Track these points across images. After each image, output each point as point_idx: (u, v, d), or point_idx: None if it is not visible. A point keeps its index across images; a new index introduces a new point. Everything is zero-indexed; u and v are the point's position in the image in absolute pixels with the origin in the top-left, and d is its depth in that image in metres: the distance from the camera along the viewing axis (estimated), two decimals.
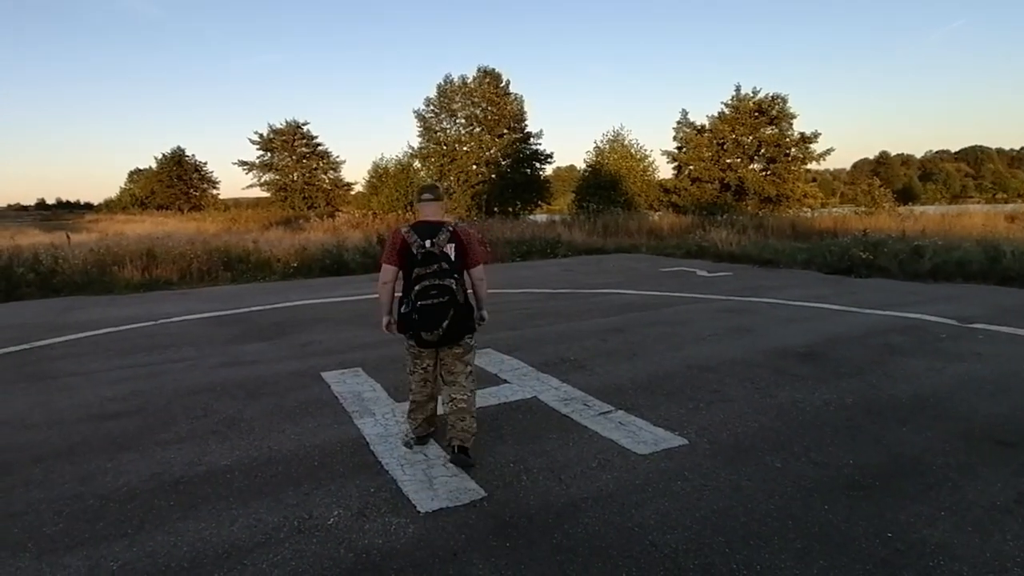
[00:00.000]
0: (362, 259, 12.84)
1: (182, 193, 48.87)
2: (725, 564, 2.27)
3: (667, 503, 2.74)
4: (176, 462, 3.30)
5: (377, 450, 3.40)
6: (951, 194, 71.74)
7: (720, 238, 14.25)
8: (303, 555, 2.40)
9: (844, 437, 3.43)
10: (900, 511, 2.62)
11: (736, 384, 4.42)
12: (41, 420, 4.01)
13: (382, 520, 2.66)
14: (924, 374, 4.55)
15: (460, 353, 3.28)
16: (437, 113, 30.16)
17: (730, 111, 25.27)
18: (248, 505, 2.81)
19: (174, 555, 2.42)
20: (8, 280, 10.06)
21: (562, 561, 2.33)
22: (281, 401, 4.29)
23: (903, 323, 6.31)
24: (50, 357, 5.73)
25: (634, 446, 3.36)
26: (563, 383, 4.53)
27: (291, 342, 6.13)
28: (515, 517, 2.66)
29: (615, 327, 6.50)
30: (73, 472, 3.21)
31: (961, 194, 71.13)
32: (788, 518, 2.58)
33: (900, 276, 9.79)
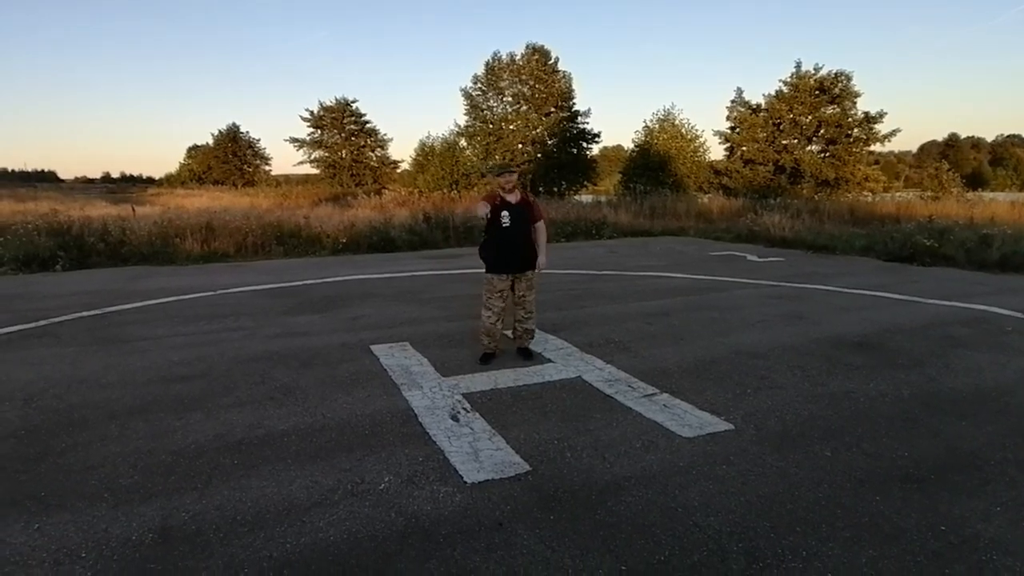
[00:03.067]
0: (408, 237, 13.05)
1: (236, 169, 50.49)
2: (770, 548, 2.28)
3: (711, 486, 2.75)
4: (238, 424, 3.49)
5: (425, 421, 3.51)
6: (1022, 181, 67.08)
7: (772, 222, 13.81)
8: (357, 516, 2.53)
9: (899, 429, 3.34)
10: (954, 505, 2.56)
11: (785, 371, 4.34)
12: (115, 380, 4.30)
13: (430, 488, 2.76)
14: (987, 368, 4.36)
15: (530, 280, 4.73)
16: (484, 91, 30.01)
17: (788, 89, 24.20)
18: (305, 468, 2.97)
19: (240, 509, 2.58)
20: (80, 249, 10.66)
21: (605, 536, 2.38)
22: (333, 371, 4.46)
23: (967, 315, 6.03)
24: (121, 322, 6.09)
25: (679, 429, 3.36)
26: (607, 364, 4.55)
27: (341, 315, 6.33)
28: (559, 492, 2.72)
29: (661, 311, 6.44)
30: (146, 429, 3.44)
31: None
32: (837, 507, 2.56)
33: (966, 266, 9.32)
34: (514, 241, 4.59)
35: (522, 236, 4.63)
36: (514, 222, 4.57)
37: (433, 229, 13.67)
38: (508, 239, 4.58)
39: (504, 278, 4.65)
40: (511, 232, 4.57)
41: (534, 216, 4.72)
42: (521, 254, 4.64)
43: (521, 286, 4.72)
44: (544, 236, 4.78)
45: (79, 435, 3.38)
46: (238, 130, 51.15)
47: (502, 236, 4.58)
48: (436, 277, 8.89)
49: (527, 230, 4.68)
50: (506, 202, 4.60)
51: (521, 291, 4.72)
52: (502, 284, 4.66)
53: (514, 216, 4.57)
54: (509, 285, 4.69)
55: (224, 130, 50.78)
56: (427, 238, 13.25)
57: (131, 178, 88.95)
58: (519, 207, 4.63)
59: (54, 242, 10.66)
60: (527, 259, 4.67)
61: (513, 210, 4.58)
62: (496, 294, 4.66)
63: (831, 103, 23.46)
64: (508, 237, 4.57)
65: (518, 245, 4.61)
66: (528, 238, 4.68)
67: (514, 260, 4.64)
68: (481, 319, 4.72)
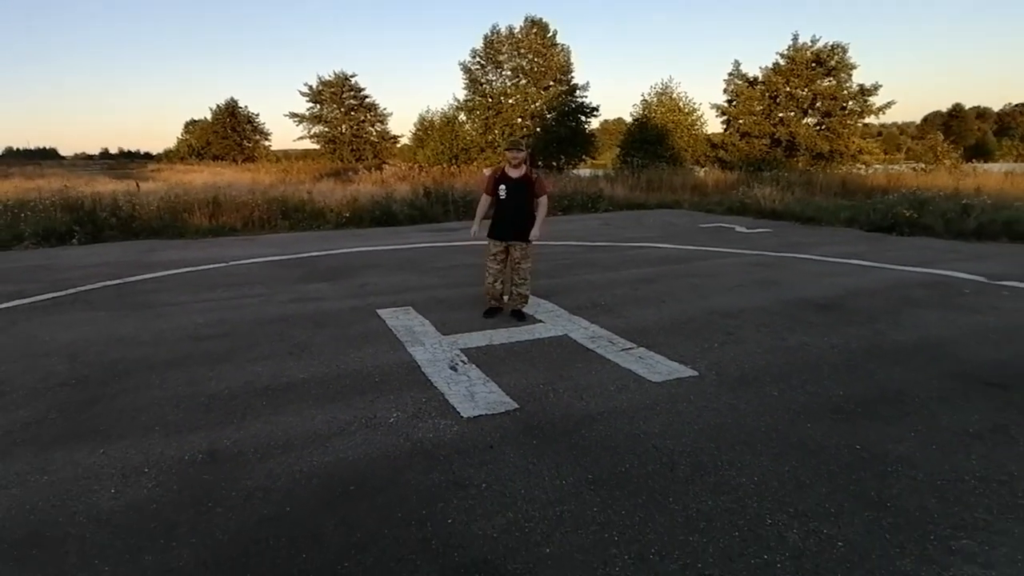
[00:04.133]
0: (409, 211, 13.43)
1: (236, 144, 50.47)
2: (712, 462, 2.77)
3: (671, 418, 3.23)
4: (263, 374, 3.97)
5: (427, 371, 3.99)
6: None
7: (763, 195, 14.16)
8: (371, 442, 3.02)
9: (841, 373, 3.82)
10: (872, 431, 3.04)
11: (751, 328, 4.81)
12: (149, 339, 4.78)
13: (432, 421, 3.25)
14: (934, 324, 4.83)
15: (524, 249, 5.19)
16: (483, 65, 29.99)
17: (785, 62, 24.25)
18: (324, 407, 3.45)
19: (272, 438, 3.07)
20: (94, 224, 11.08)
21: (577, 455, 2.87)
22: (344, 331, 4.93)
23: (930, 279, 6.48)
24: (145, 290, 6.56)
25: (649, 375, 3.84)
26: (592, 324, 5.02)
27: (349, 283, 6.79)
28: (541, 423, 3.21)
29: (647, 278, 6.89)
30: (182, 377, 3.93)
31: None
32: (773, 432, 3.04)
33: (944, 235, 9.73)
34: (510, 213, 5.11)
35: (515, 209, 5.10)
36: (510, 196, 5.07)
37: (433, 203, 14.04)
38: (502, 210, 5.13)
39: (498, 243, 5.23)
40: (506, 204, 5.10)
41: (535, 192, 5.15)
42: (514, 225, 5.14)
43: (515, 254, 5.22)
44: (544, 211, 5.22)
45: (125, 383, 3.86)
46: (236, 105, 50.99)
47: (499, 208, 5.15)
48: (436, 249, 9.33)
49: (522, 204, 5.12)
50: (506, 176, 5.10)
51: (516, 258, 5.23)
52: (496, 248, 5.24)
53: (510, 190, 5.06)
54: (503, 250, 5.24)
55: (222, 105, 50.65)
56: (427, 212, 13.64)
57: (129, 154, 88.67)
58: (518, 182, 5.09)
59: (70, 217, 11.08)
60: (520, 230, 5.14)
61: (511, 185, 5.07)
62: (491, 257, 5.26)
63: (827, 76, 23.55)
64: (502, 208, 5.12)
65: (512, 216, 5.12)
66: (523, 211, 5.13)
67: (507, 229, 5.16)
68: (484, 280, 5.37)
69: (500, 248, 5.23)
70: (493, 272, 5.27)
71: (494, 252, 5.26)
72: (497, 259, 5.26)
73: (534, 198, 5.16)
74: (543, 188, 5.22)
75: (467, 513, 2.41)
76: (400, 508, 2.46)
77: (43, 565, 2.15)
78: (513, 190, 5.07)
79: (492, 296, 5.32)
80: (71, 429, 3.23)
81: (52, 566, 2.15)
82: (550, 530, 2.29)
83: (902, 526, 2.27)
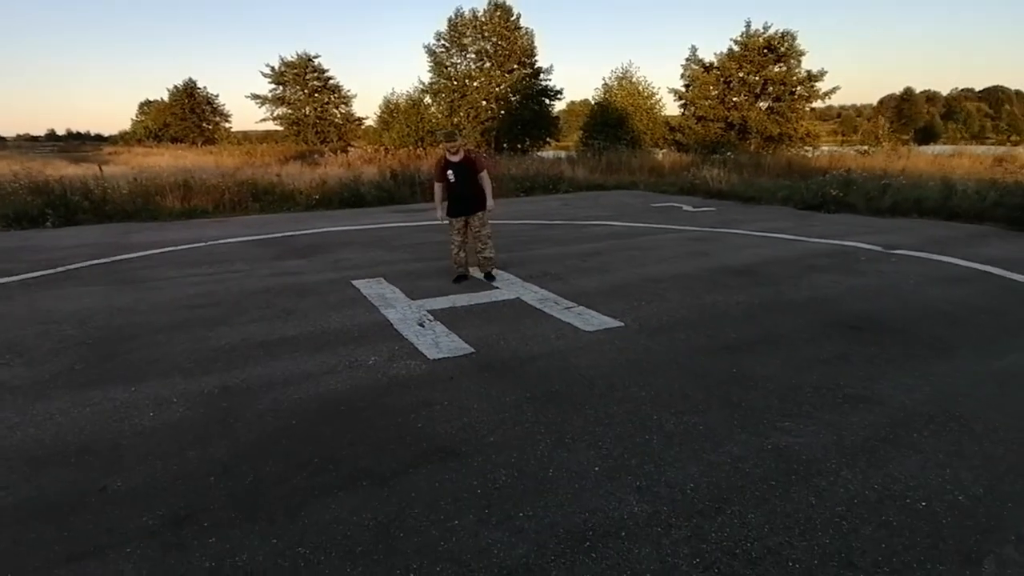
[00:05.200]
0: (377, 193, 13.96)
1: (195, 126, 49.45)
2: (622, 383, 3.59)
3: (596, 356, 4.05)
4: (257, 333, 4.64)
5: (399, 328, 4.72)
6: (970, 134, 70.19)
7: (711, 176, 15.14)
8: (354, 377, 3.75)
9: (739, 323, 4.70)
10: (749, 360, 3.91)
11: (676, 291, 5.67)
12: (147, 308, 5.37)
13: (404, 363, 3.99)
14: (825, 285, 5.77)
15: (480, 218, 6.11)
16: (448, 48, 30.27)
17: (739, 48, 25.32)
18: (313, 355, 4.15)
19: (273, 377, 3.77)
20: (66, 207, 11.33)
21: (519, 381, 3.65)
22: (324, 299, 5.61)
23: (836, 249, 7.47)
24: (132, 268, 7.07)
25: (583, 326, 4.65)
26: (542, 289, 5.80)
27: (324, 259, 7.42)
28: (493, 362, 3.98)
29: (595, 251, 7.70)
30: (186, 337, 4.57)
31: (979, 134, 69.59)
32: (674, 363, 3.89)
33: (865, 212, 10.81)
34: (461, 191, 6.05)
35: (466, 186, 6.03)
36: (458, 178, 5.99)
37: (400, 185, 14.59)
38: (456, 191, 6.05)
39: (460, 219, 6.14)
40: (457, 185, 6.02)
41: (476, 169, 6.06)
42: (468, 200, 6.09)
43: (475, 223, 6.16)
44: (488, 183, 6.15)
45: (135, 343, 4.49)
46: (195, 85, 49.86)
47: (451, 189, 6.04)
48: (404, 228, 9.98)
49: (471, 181, 6.04)
50: (451, 163, 5.98)
51: (476, 227, 6.17)
52: (458, 224, 6.18)
53: (458, 173, 5.98)
54: (463, 224, 6.17)
55: (180, 86, 49.47)
56: (395, 193, 14.19)
57: (79, 135, 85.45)
58: (462, 164, 6.00)
59: (41, 200, 11.31)
60: (475, 203, 6.10)
61: (457, 168, 5.98)
62: (455, 231, 6.19)
63: (777, 61, 24.70)
64: (455, 189, 6.04)
65: (464, 194, 6.06)
66: (472, 187, 6.05)
67: (463, 206, 6.10)
68: (449, 252, 6.27)
69: (461, 223, 6.14)
70: (457, 243, 6.17)
71: (458, 227, 6.16)
72: (459, 232, 6.16)
73: (476, 174, 6.04)
74: (482, 165, 6.16)
75: (432, 420, 3.18)
76: (381, 419, 3.21)
77: (103, 464, 2.83)
78: (459, 172, 5.96)
79: (459, 264, 6.19)
80: (99, 376, 3.87)
81: (111, 464, 2.83)
82: (494, 427, 3.08)
83: (748, 416, 3.13)
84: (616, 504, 2.44)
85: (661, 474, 2.64)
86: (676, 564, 2.10)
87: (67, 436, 3.08)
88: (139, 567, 2.13)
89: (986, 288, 5.68)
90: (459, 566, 2.12)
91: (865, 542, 2.21)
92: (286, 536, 2.28)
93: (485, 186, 6.12)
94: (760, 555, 2.14)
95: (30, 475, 2.72)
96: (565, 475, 2.65)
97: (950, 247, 7.52)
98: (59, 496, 2.56)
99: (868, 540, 2.22)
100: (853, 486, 2.54)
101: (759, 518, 2.34)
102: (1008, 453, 2.85)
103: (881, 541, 2.22)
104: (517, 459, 2.78)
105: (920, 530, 2.29)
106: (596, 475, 2.65)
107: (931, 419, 3.12)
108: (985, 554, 2.20)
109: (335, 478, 2.66)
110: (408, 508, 2.44)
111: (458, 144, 6.05)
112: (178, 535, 2.29)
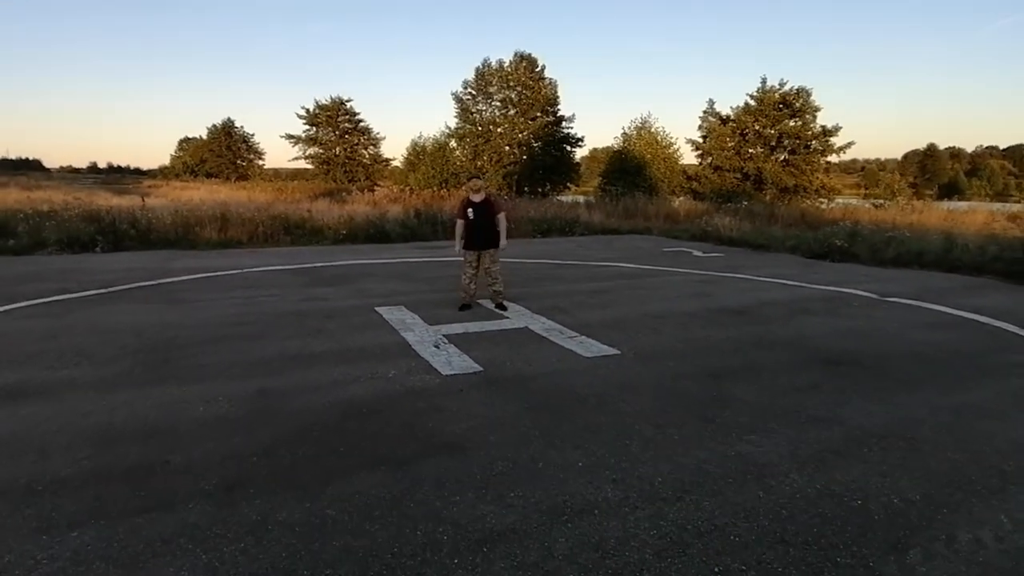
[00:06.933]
0: (401, 230, 14.73)
1: (230, 162, 51.79)
2: (611, 400, 4.04)
3: (591, 377, 4.51)
4: (291, 348, 5.20)
5: (416, 348, 5.24)
6: (994, 191, 70.07)
7: (723, 224, 15.66)
8: (376, 386, 4.26)
9: (725, 354, 5.13)
10: (727, 385, 4.34)
11: (672, 326, 6.12)
12: (193, 324, 5.98)
13: (420, 376, 4.50)
14: (813, 325, 6.18)
15: (492, 255, 6.78)
16: (474, 96, 31.71)
17: (755, 103, 26.20)
18: (340, 367, 4.68)
19: (305, 383, 4.30)
20: (115, 234, 12.24)
21: (520, 395, 4.13)
22: (350, 321, 6.17)
23: (832, 295, 7.87)
24: (177, 290, 7.75)
25: (584, 352, 5.13)
26: (549, 320, 6.30)
27: (349, 288, 8.03)
28: (498, 379, 4.46)
29: (603, 289, 8.21)
30: (230, 348, 5.14)
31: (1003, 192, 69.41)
32: (659, 386, 4.33)
33: (869, 262, 11.19)
34: (477, 229, 6.80)
35: (483, 225, 6.78)
36: (477, 216, 6.75)
37: (423, 223, 15.37)
38: (473, 227, 6.81)
39: (472, 253, 6.86)
40: (475, 223, 6.78)
41: (494, 211, 6.84)
42: (483, 237, 6.82)
43: (486, 259, 6.87)
44: (504, 224, 6.91)
45: (184, 352, 5.07)
46: (232, 124, 52.46)
47: (470, 225, 6.79)
48: (425, 263, 10.61)
49: (488, 221, 6.79)
50: (471, 202, 6.79)
51: (487, 263, 6.87)
52: (471, 257, 6.90)
53: (477, 212, 6.75)
54: (476, 257, 6.87)
55: (219, 124, 52.10)
56: (418, 231, 14.95)
57: (120, 169, 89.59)
58: (481, 205, 6.78)
59: (92, 228, 12.23)
60: (488, 240, 6.83)
61: (477, 208, 6.76)
62: (467, 264, 6.91)
63: (792, 116, 25.47)
64: (473, 226, 6.80)
65: (480, 231, 6.81)
66: (488, 226, 6.80)
67: (478, 241, 6.85)
68: (460, 281, 6.92)
69: (474, 256, 6.85)
70: (469, 275, 6.85)
71: (470, 260, 6.87)
72: (472, 265, 6.87)
73: (494, 216, 6.79)
74: (500, 208, 6.97)
75: (442, 422, 3.66)
76: (397, 419, 3.70)
77: (165, 443, 3.35)
78: (478, 211, 6.73)
79: (467, 293, 6.83)
80: (156, 377, 4.43)
81: (172, 443, 3.35)
82: (495, 429, 3.55)
83: (718, 429, 3.56)
84: (593, 491, 2.88)
85: (635, 470, 3.08)
86: (636, 534, 2.54)
87: (133, 422, 3.62)
88: (200, 517, 2.62)
89: (968, 334, 6.04)
90: (458, 528, 2.57)
91: (799, 526, 2.62)
92: (317, 501, 2.76)
93: (500, 227, 6.84)
94: (707, 530, 2.56)
95: (105, 449, 3.25)
96: (552, 468, 3.11)
97: (944, 296, 7.88)
98: (131, 465, 3.08)
99: (802, 525, 2.63)
100: (798, 485, 2.95)
101: (712, 505, 2.76)
102: (951, 470, 3.22)
103: (814, 527, 2.63)
104: (513, 454, 3.25)
105: (851, 521, 2.69)
106: (579, 469, 3.10)
107: (882, 438, 3.51)
108: (912, 546, 2.58)
109: (358, 462, 3.15)
110: (418, 486, 2.91)
111: (481, 185, 6.93)
112: (230, 497, 2.79)
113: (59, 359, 4.78)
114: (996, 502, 2.90)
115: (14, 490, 2.81)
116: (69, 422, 3.58)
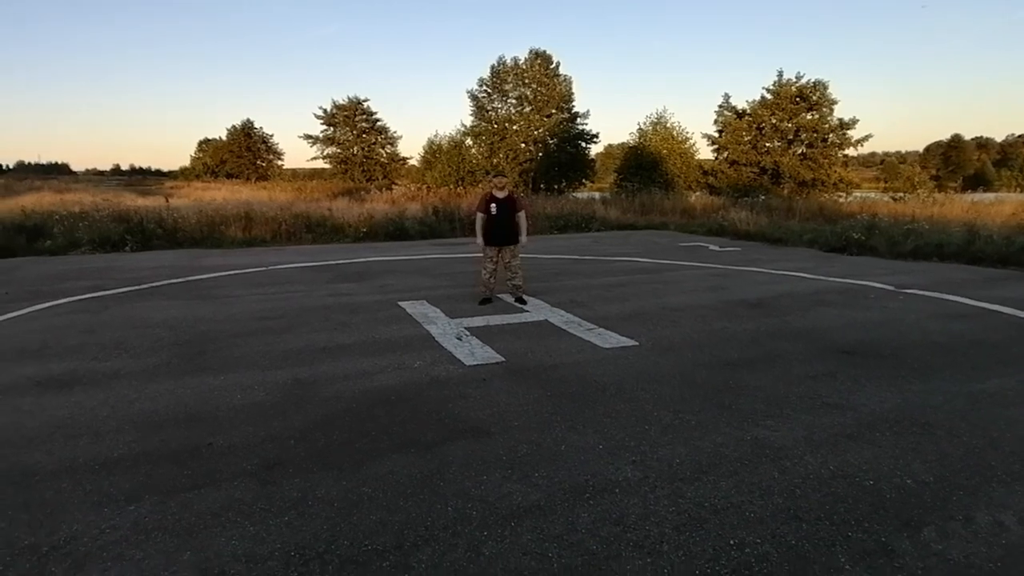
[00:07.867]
0: (420, 227, 14.94)
1: (250, 163, 52.59)
2: (630, 388, 4.17)
3: (610, 367, 4.64)
4: (319, 340, 5.39)
5: (439, 340, 5.40)
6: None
7: (739, 218, 15.64)
8: (402, 376, 4.43)
9: (743, 345, 5.22)
10: (745, 374, 4.44)
11: (690, 318, 6.22)
12: (224, 318, 6.21)
13: (444, 366, 4.66)
14: (829, 317, 6.23)
15: (513, 250, 6.95)
16: (489, 93, 31.89)
17: (771, 96, 26.00)
18: (367, 358, 4.86)
19: (335, 373, 4.49)
20: (143, 234, 12.62)
21: (541, 383, 4.27)
22: (374, 315, 6.36)
23: (849, 287, 7.89)
24: (206, 286, 8.01)
25: (602, 344, 5.25)
26: (568, 313, 6.43)
27: (372, 283, 8.23)
28: (520, 369, 4.61)
29: (620, 283, 8.31)
30: (259, 341, 5.35)
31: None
32: (678, 374, 4.44)
33: (886, 255, 11.14)
34: (499, 224, 6.93)
35: (505, 221, 6.91)
36: (499, 212, 6.88)
37: (441, 221, 15.57)
38: (495, 223, 6.92)
39: (494, 248, 6.96)
40: (498, 218, 6.90)
41: (516, 208, 6.98)
42: (505, 233, 6.95)
43: (506, 255, 7.02)
44: (524, 221, 7.06)
45: (218, 344, 5.29)
46: (252, 125, 53.25)
47: (492, 221, 6.90)
48: (444, 259, 10.79)
49: (510, 217, 6.92)
50: (495, 197, 6.92)
51: (507, 258, 7.02)
52: (492, 252, 6.99)
53: (500, 208, 6.88)
54: (497, 252, 6.99)
55: (239, 125, 52.91)
56: (436, 228, 15.15)
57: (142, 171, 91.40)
58: (504, 202, 6.92)
59: (122, 228, 12.61)
60: (510, 236, 6.97)
61: (500, 204, 6.89)
62: (488, 259, 7.00)
63: (809, 110, 25.23)
64: (495, 221, 6.92)
65: (502, 227, 6.93)
66: (510, 222, 6.94)
67: (500, 236, 6.96)
68: (480, 275, 7.02)
69: (494, 251, 6.97)
70: (489, 270, 6.99)
71: (491, 255, 6.98)
72: (492, 260, 6.98)
73: (516, 212, 6.93)
74: (521, 205, 7.09)
75: (467, 408, 3.82)
76: (423, 406, 3.87)
77: (207, 427, 3.55)
78: (501, 208, 6.87)
79: (487, 287, 6.99)
80: (193, 367, 4.65)
81: (213, 428, 3.55)
82: (518, 415, 3.70)
83: (734, 415, 3.67)
84: (614, 471, 3.02)
85: (654, 452, 3.21)
86: (656, 511, 2.67)
87: (175, 408, 3.84)
88: (245, 493, 2.81)
89: (988, 324, 6.05)
90: (486, 505, 2.73)
91: (813, 504, 2.73)
92: (353, 480, 2.94)
93: (521, 224, 6.99)
94: (724, 507, 2.68)
95: (152, 433, 3.46)
96: (574, 450, 3.25)
97: (964, 288, 7.85)
98: (177, 447, 3.28)
99: (816, 503, 2.74)
100: (812, 467, 3.06)
101: (729, 484, 2.88)
102: (966, 454, 3.30)
103: (827, 504, 2.73)
104: (536, 438, 3.39)
105: (863, 500, 2.79)
106: (600, 451, 3.23)
107: (896, 423, 3.60)
108: (926, 524, 2.67)
109: (388, 445, 3.32)
110: (446, 467, 3.07)
111: (505, 182, 7.14)
112: (271, 475, 2.97)
113: (101, 351, 5.03)
114: (1020, 487, 2.91)
115: (75, 468, 3.02)
116: (117, 408, 3.81)
